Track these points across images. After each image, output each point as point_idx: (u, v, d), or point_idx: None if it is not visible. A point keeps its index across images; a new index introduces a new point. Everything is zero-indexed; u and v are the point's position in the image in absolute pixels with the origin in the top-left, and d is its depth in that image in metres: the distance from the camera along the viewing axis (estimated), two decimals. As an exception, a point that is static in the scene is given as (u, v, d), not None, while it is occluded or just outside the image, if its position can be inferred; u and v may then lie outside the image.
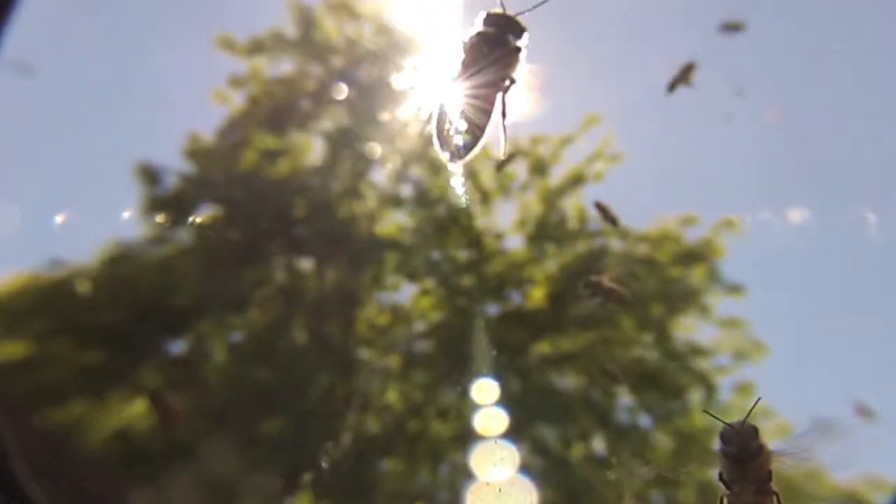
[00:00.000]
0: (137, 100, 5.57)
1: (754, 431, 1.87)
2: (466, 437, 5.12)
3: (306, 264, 6.19)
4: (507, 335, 6.02)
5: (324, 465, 5.13)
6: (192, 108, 6.11)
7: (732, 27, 4.63)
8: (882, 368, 5.24)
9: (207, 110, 6.19)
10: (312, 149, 6.35)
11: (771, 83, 5.42)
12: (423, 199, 6.27)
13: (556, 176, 6.30)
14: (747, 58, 5.35)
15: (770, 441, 1.83)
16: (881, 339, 5.37)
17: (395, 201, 6.23)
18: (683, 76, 4.43)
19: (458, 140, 1.61)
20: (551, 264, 6.24)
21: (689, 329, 6.10)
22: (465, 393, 5.21)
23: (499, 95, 1.61)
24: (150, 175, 5.95)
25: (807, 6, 5.35)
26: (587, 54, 5.48)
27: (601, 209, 4.13)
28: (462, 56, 1.60)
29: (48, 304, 5.47)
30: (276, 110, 6.35)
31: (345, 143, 6.28)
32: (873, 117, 5.24)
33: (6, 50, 2.62)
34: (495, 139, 1.64)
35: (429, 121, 1.61)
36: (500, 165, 5.27)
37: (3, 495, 2.20)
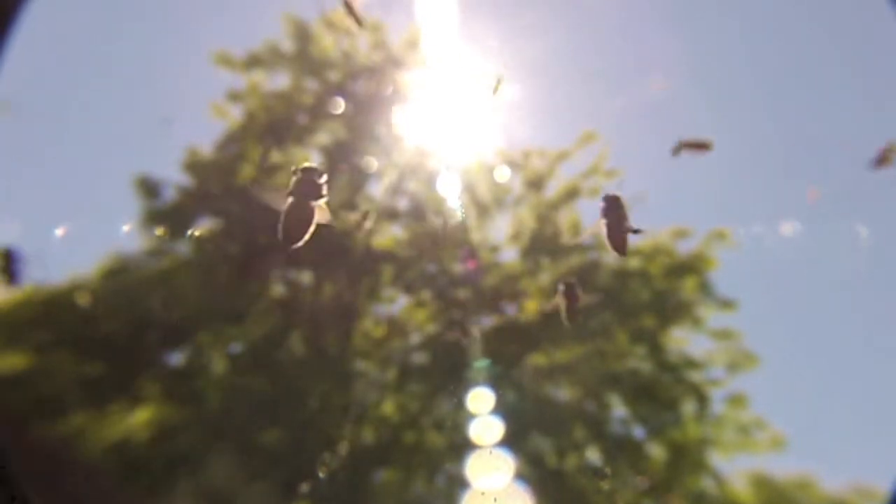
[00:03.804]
0: (136, 114, 5.61)
1: None
2: (462, 447, 5.17)
3: (304, 277, 6.23)
4: (501, 347, 6.05)
5: (321, 475, 5.16)
6: (191, 122, 6.16)
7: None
8: (875, 375, 5.30)
9: (206, 124, 6.24)
10: (309, 162, 6.38)
11: (765, 94, 5.49)
12: (419, 213, 6.31)
13: (552, 190, 6.37)
14: (743, 67, 5.45)
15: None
16: (873, 348, 5.42)
17: (391, 214, 6.28)
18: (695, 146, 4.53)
19: None
20: (545, 277, 6.28)
21: (681, 341, 6.16)
22: (460, 404, 5.25)
23: None
24: (149, 188, 5.99)
25: (797, 22, 5.41)
26: (585, 70, 5.54)
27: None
28: None
29: (48, 317, 5.50)
30: (274, 124, 6.39)
31: (341, 156, 6.32)
32: (866, 128, 5.30)
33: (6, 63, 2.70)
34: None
35: None
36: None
37: (6, 504, 2.25)
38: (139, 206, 5.96)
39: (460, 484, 5.28)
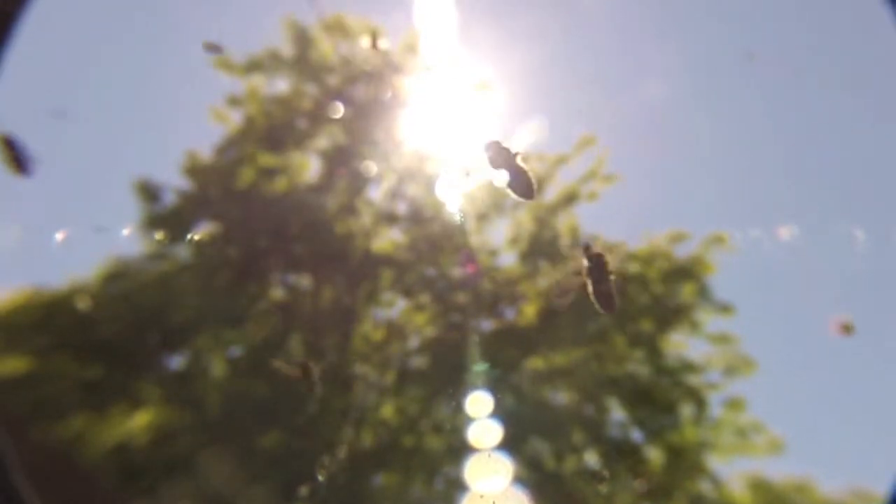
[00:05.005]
0: (136, 118, 5.63)
1: None
2: (461, 451, 5.17)
3: (303, 281, 6.24)
4: (500, 351, 6.06)
5: (320, 478, 5.16)
6: (191, 126, 6.18)
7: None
8: (872, 378, 5.32)
9: (206, 128, 6.26)
10: (309, 167, 6.42)
11: (763, 96, 5.51)
12: (418, 217, 6.32)
13: (550, 194, 6.38)
14: (740, 71, 5.46)
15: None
16: (870, 351, 5.42)
17: (390, 218, 6.29)
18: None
19: None
20: (544, 281, 6.29)
21: (679, 345, 6.16)
22: (459, 407, 5.26)
23: None
24: (149, 192, 6.02)
25: (794, 24, 5.43)
26: (583, 74, 5.55)
27: None
28: None
29: (48, 320, 5.51)
30: (273, 129, 6.41)
31: (341, 161, 6.34)
32: (863, 133, 5.31)
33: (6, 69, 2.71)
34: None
35: None
36: None
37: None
38: (139, 209, 5.99)
39: (459, 487, 5.29)
